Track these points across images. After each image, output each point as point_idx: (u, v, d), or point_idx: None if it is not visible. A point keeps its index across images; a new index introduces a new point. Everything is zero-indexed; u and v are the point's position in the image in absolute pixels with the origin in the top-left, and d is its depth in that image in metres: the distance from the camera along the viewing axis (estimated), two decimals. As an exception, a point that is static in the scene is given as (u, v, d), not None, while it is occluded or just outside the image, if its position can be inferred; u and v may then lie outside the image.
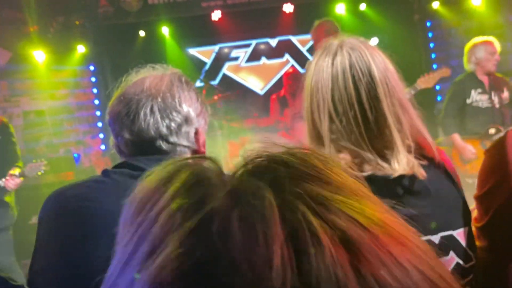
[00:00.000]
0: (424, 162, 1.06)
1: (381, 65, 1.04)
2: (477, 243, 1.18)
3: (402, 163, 1.01)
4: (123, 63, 5.88)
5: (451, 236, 1.04)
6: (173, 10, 5.68)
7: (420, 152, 1.07)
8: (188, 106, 1.10)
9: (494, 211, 1.14)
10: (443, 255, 1.02)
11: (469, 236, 1.07)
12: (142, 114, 1.05)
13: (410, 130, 1.06)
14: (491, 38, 3.75)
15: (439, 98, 6.17)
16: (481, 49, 3.67)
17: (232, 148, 5.06)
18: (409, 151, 1.04)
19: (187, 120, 1.08)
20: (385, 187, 1.01)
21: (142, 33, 6.07)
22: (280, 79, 6.05)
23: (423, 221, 1.01)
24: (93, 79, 5.98)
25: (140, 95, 1.07)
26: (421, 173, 1.03)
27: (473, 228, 1.16)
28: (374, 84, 1.02)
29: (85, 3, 5.43)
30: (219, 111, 4.87)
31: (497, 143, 1.12)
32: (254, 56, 6.59)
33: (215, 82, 6.32)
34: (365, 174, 1.01)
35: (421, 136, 1.07)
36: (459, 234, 1.05)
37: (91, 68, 5.98)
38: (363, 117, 1.02)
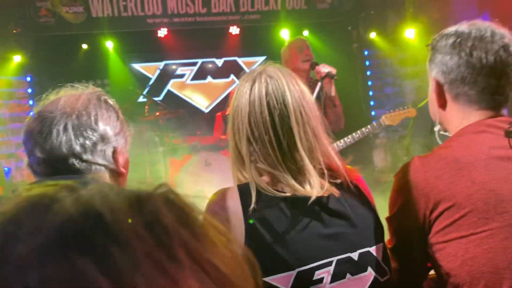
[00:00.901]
0: (339, 184, 1.14)
1: (296, 94, 1.12)
2: (391, 264, 1.26)
3: (315, 185, 1.08)
4: (63, 75, 5.73)
5: (368, 253, 1.11)
6: (118, 24, 5.62)
7: (334, 175, 1.15)
8: (105, 125, 1.09)
9: (401, 233, 1.23)
10: (362, 271, 1.09)
11: (384, 251, 1.15)
12: (55, 131, 1.04)
13: (323, 157, 1.13)
14: None
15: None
16: None
17: (173, 166, 5.01)
18: (321, 176, 1.11)
19: (103, 138, 1.08)
20: (306, 208, 1.07)
21: (84, 46, 5.94)
22: (226, 98, 6.13)
23: (342, 239, 1.08)
24: (29, 90, 5.74)
25: (55, 112, 1.06)
26: (336, 194, 1.11)
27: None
28: (287, 112, 1.09)
29: (24, 12, 5.24)
30: (162, 128, 4.83)
31: (404, 168, 1.20)
32: (200, 74, 6.64)
33: (158, 98, 6.27)
34: (286, 195, 1.07)
35: (333, 161, 1.15)
36: (375, 250, 1.12)
37: (28, 79, 5.74)
38: (277, 142, 1.09)
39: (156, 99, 5.79)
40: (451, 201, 1.07)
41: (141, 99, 5.72)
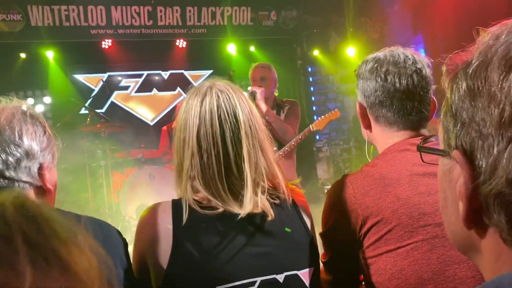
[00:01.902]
0: (278, 203, 1.15)
1: (245, 108, 1.14)
2: (325, 277, 1.31)
3: (251, 201, 1.09)
4: (0, 85, 5.47)
5: (296, 276, 1.11)
6: (59, 34, 5.44)
7: (275, 193, 1.16)
8: (30, 140, 1.05)
9: (334, 248, 1.28)
10: None
11: (314, 277, 1.15)
12: None
13: (267, 172, 1.15)
14: None
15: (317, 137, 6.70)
16: None
17: (116, 179, 4.88)
18: (262, 192, 1.12)
19: (28, 154, 1.04)
20: (237, 224, 1.07)
21: (23, 55, 5.69)
22: (172, 110, 6.08)
23: (269, 260, 1.08)
24: (-40, 100, 5.40)
25: None
26: (271, 214, 1.10)
27: (321, 264, 1.27)
28: (238, 125, 1.11)
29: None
30: (104, 141, 4.70)
31: (334, 185, 1.25)
32: (145, 87, 6.54)
33: (101, 110, 6.11)
34: (218, 211, 1.07)
35: (276, 178, 1.16)
36: (303, 274, 1.12)
37: (-41, 88, 5.40)
38: (224, 155, 1.09)
39: (98, 111, 5.64)
40: (378, 216, 1.12)
41: (83, 111, 5.55)
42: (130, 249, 1.13)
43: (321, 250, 1.27)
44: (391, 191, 1.13)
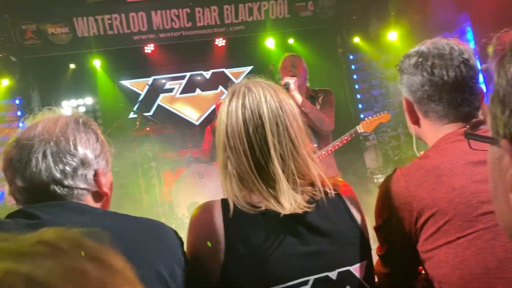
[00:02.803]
0: (321, 198, 1.13)
1: (273, 104, 1.14)
2: (381, 269, 1.30)
3: (289, 198, 1.08)
4: (52, 96, 5.78)
5: (348, 272, 1.10)
6: (104, 43, 5.66)
7: (315, 188, 1.14)
8: (85, 148, 1.08)
9: (390, 242, 1.26)
10: None
11: (367, 270, 1.13)
12: (34, 160, 1.03)
13: (302, 168, 1.14)
14: None
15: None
16: None
17: (167, 179, 5.02)
18: (296, 188, 1.11)
19: (83, 162, 1.07)
20: (282, 223, 1.08)
21: (72, 66, 5.97)
22: (214, 109, 6.18)
23: (320, 257, 1.08)
24: (19, 113, 5.75)
25: (33, 140, 1.04)
26: (316, 209, 1.10)
27: (377, 257, 1.26)
28: (261, 122, 1.12)
29: (9, 36, 5.26)
30: (154, 143, 4.86)
31: (386, 179, 1.24)
32: (189, 87, 6.68)
33: (149, 114, 6.30)
34: (261, 209, 1.08)
35: (312, 173, 1.15)
36: (355, 269, 1.11)
37: (17, 101, 5.75)
38: (251, 153, 1.11)
39: (146, 114, 5.83)
40: (434, 208, 1.10)
41: (131, 115, 5.75)
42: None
43: (374, 242, 1.26)
44: (446, 181, 1.10)
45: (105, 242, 0.46)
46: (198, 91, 6.71)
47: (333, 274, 1.08)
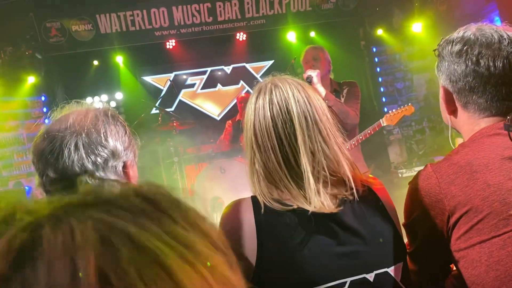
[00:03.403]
0: (354, 195, 1.09)
1: (301, 100, 1.12)
2: (410, 266, 1.24)
3: (317, 196, 1.05)
4: (76, 92, 5.87)
5: (386, 273, 1.06)
6: (126, 39, 5.70)
7: (347, 186, 1.11)
8: (115, 140, 1.09)
9: (419, 240, 1.21)
10: None
11: (404, 271, 1.10)
12: (66, 151, 1.04)
13: (333, 163, 1.10)
14: None
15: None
16: None
17: (189, 174, 5.05)
18: (326, 185, 1.08)
19: (114, 154, 1.08)
20: (315, 222, 1.05)
21: (95, 62, 6.05)
22: (236, 104, 6.18)
23: (357, 259, 1.04)
24: (44, 109, 5.86)
25: (64, 132, 1.06)
26: (350, 207, 1.07)
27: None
28: (290, 117, 1.10)
29: (34, 33, 5.36)
30: (176, 138, 4.88)
31: (417, 175, 1.18)
32: (210, 83, 6.69)
33: (171, 109, 6.34)
34: (293, 207, 1.05)
35: (344, 169, 1.11)
36: (393, 271, 1.08)
37: (43, 98, 5.86)
38: (279, 148, 1.09)
39: (168, 110, 5.86)
40: (467, 206, 1.04)
41: (154, 111, 5.79)
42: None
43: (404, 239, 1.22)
44: (480, 178, 1.04)
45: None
46: (219, 86, 6.71)
47: (370, 276, 1.04)
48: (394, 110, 3.36)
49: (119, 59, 6.07)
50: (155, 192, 0.39)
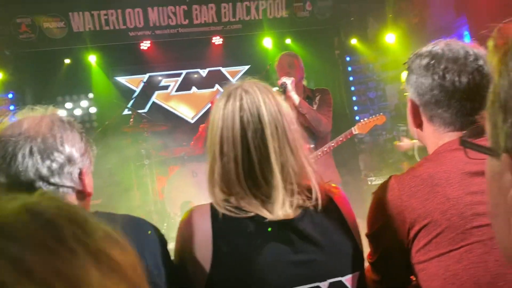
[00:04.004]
0: (314, 205, 1.09)
1: (272, 108, 1.10)
2: (372, 276, 1.26)
3: (284, 205, 1.04)
4: (46, 91, 5.73)
5: (340, 283, 1.07)
6: (100, 38, 5.60)
7: (310, 195, 1.10)
8: (71, 146, 1.07)
9: (381, 251, 1.22)
10: None
11: (359, 281, 1.10)
12: (20, 156, 1.01)
13: (298, 173, 1.10)
14: None
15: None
16: None
17: (160, 177, 4.99)
18: (292, 194, 1.08)
19: (70, 160, 1.06)
20: (272, 230, 1.04)
21: (67, 61, 5.92)
22: (209, 108, 6.15)
23: (312, 267, 1.04)
24: (11, 107, 5.69)
25: (18, 137, 1.03)
26: (310, 217, 1.07)
27: (367, 264, 1.23)
28: (262, 126, 1.07)
29: (3, 29, 5.20)
30: (147, 140, 4.82)
31: (380, 187, 1.18)
32: (185, 85, 6.65)
33: (144, 111, 6.26)
34: (250, 215, 1.04)
35: (309, 179, 1.11)
36: (348, 280, 1.08)
37: (10, 96, 5.68)
38: (244, 159, 1.06)
39: (141, 111, 5.79)
40: (427, 219, 1.05)
41: (126, 112, 5.71)
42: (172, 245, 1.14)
43: (366, 248, 1.23)
44: (440, 191, 1.06)
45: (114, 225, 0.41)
46: (194, 89, 6.67)
47: (324, 285, 1.05)
48: (365, 119, 3.42)
49: (92, 59, 5.96)
50: (55, 214, 0.36)
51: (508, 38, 0.38)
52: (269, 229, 1.04)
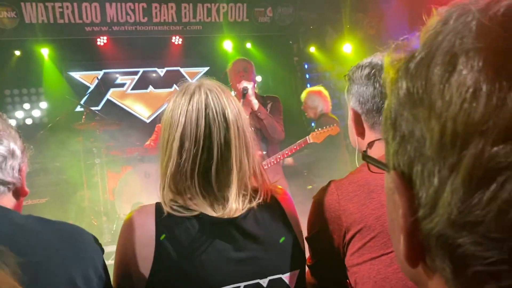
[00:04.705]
0: (261, 204, 1.12)
1: (234, 109, 1.11)
2: (310, 280, 1.29)
3: (233, 204, 1.06)
4: (-7, 83, 5.44)
5: (280, 280, 1.09)
6: (53, 31, 5.41)
7: (258, 195, 1.13)
8: (13, 141, 1.05)
9: (319, 254, 1.26)
10: None
11: (299, 279, 1.13)
12: None
13: (251, 174, 1.12)
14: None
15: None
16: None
17: (112, 177, 4.86)
18: (245, 194, 1.10)
19: (12, 154, 1.03)
20: (218, 228, 1.06)
21: (17, 53, 5.67)
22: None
23: (253, 264, 1.07)
24: (-46, 98, 5.39)
25: None
26: (255, 216, 1.09)
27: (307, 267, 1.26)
28: (226, 125, 1.08)
29: None
30: (99, 138, 4.68)
31: (320, 191, 1.23)
32: (142, 84, 6.52)
33: (97, 108, 6.08)
34: (195, 213, 1.05)
35: (259, 179, 1.14)
36: (287, 278, 1.11)
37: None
38: (203, 156, 1.06)
39: (94, 108, 5.62)
40: (362, 223, 1.10)
41: (78, 108, 5.53)
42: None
43: (307, 251, 1.26)
44: (376, 198, 1.11)
45: None
46: (150, 88, 6.56)
47: (264, 281, 1.07)
48: (320, 129, 3.48)
49: (44, 52, 5.73)
50: None
51: (401, 57, 0.39)
52: (213, 227, 1.05)
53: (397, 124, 0.38)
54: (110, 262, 1.16)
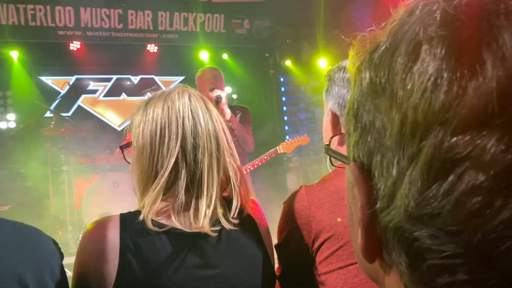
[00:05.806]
0: (231, 219, 1.07)
1: (214, 116, 1.09)
2: None
3: (205, 218, 1.02)
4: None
5: None
6: (24, 33, 5.26)
7: (227, 208, 1.09)
8: None
9: (287, 262, 1.22)
10: None
11: None
12: None
13: (225, 185, 1.09)
14: None
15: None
16: None
17: (79, 186, 4.71)
18: (216, 207, 1.05)
19: None
20: (187, 243, 1.01)
21: (-16, 54, 5.48)
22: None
23: (222, 281, 1.03)
24: None
25: None
26: (227, 231, 1.05)
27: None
28: (200, 133, 1.04)
29: None
30: (68, 145, 4.55)
31: (291, 196, 1.19)
32: (114, 91, 6.39)
33: (67, 114, 5.92)
34: (166, 229, 1.00)
35: (234, 190, 1.09)
36: None
37: None
38: (176, 168, 1.02)
39: (64, 114, 5.47)
40: (331, 231, 1.08)
41: (48, 114, 5.37)
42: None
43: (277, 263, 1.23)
44: (345, 205, 1.09)
45: None
46: (123, 95, 6.44)
47: None
48: (290, 139, 3.49)
49: (14, 54, 5.55)
50: None
51: (366, 48, 0.39)
52: (184, 242, 1.01)
53: (359, 115, 0.38)
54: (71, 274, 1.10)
